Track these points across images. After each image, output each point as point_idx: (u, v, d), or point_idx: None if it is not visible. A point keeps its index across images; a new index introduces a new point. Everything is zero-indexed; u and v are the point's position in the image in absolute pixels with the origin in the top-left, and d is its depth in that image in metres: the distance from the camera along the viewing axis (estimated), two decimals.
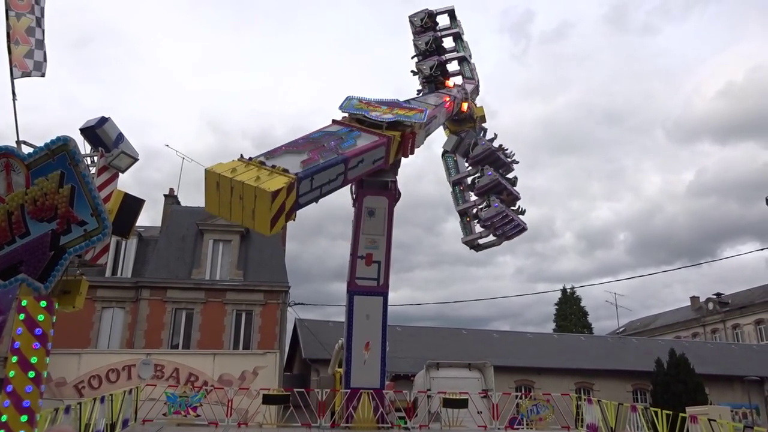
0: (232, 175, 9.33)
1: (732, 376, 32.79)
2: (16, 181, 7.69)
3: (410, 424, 15.37)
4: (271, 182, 9.39)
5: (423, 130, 14.09)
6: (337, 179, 11.18)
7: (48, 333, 7.66)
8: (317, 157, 10.85)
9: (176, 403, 15.00)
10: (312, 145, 11.32)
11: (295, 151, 10.97)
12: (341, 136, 11.96)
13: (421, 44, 18.32)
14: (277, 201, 9.28)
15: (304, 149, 11.07)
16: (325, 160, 10.82)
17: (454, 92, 17.07)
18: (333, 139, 11.77)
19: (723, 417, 16.23)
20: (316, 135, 11.84)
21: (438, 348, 29.53)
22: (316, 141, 11.53)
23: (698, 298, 54.50)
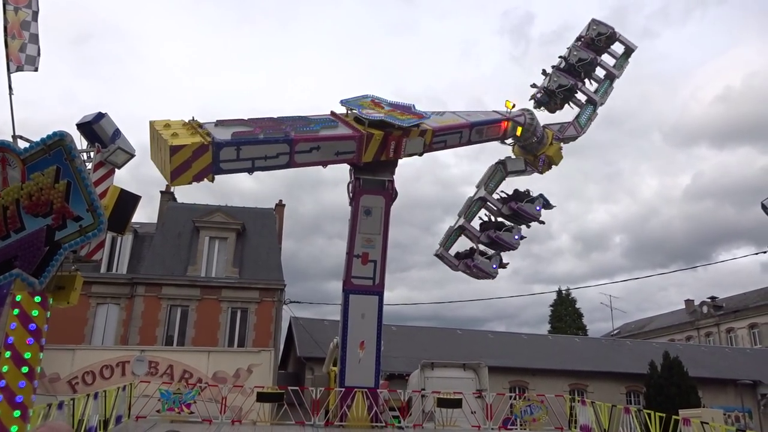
0: (160, 129, 10.34)
1: (725, 380, 32.89)
2: (11, 176, 7.67)
3: (404, 423, 15.38)
4: (179, 139, 10.19)
5: (417, 137, 13.96)
6: (278, 158, 11.66)
7: (42, 328, 7.65)
8: (258, 131, 11.33)
9: (170, 400, 14.98)
10: (269, 123, 11.79)
11: (244, 124, 11.59)
12: (315, 122, 12.41)
13: (573, 57, 17.22)
14: (178, 156, 10.04)
15: (254, 124, 11.61)
16: (264, 136, 11.28)
17: (519, 119, 16.44)
18: (300, 123, 12.14)
19: (716, 420, 16.29)
20: (289, 117, 12.30)
21: (433, 348, 29.54)
22: (278, 121, 11.98)
23: (693, 302, 54.63)
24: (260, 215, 30.99)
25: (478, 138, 15.38)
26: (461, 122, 14.80)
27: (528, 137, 16.46)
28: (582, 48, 17.24)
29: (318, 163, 12.83)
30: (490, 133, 15.62)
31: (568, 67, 17.29)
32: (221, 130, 11.12)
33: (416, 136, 13.84)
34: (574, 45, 17.32)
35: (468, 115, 15.24)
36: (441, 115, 14.89)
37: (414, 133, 13.82)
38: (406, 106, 14.23)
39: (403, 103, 14.42)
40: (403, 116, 13.68)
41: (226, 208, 29.97)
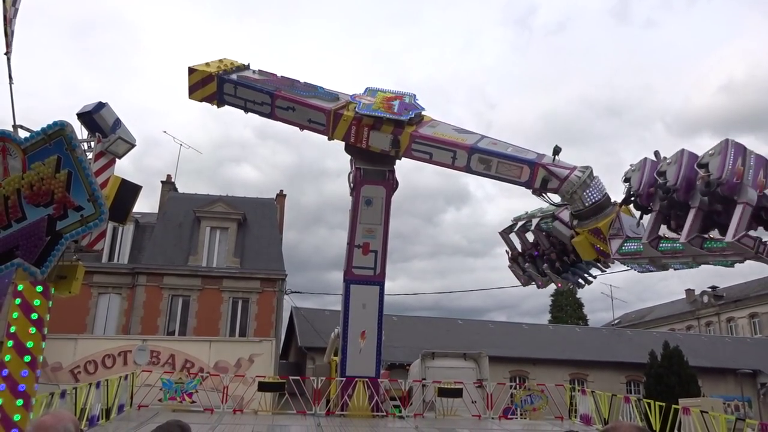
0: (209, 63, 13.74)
1: (725, 369, 33.00)
2: (12, 166, 7.65)
3: (405, 412, 15.46)
4: (200, 66, 13.54)
5: (386, 134, 13.13)
6: (263, 105, 13.62)
7: (44, 318, 7.66)
8: (260, 81, 13.72)
9: (172, 390, 15.06)
10: (281, 80, 14.00)
11: (266, 75, 14.09)
12: (314, 90, 13.88)
13: None
14: (192, 77, 13.44)
15: (270, 78, 13.99)
16: (258, 84, 13.59)
17: (558, 171, 11.83)
18: (302, 87, 13.92)
19: (715, 409, 16.35)
20: (308, 84, 14.09)
21: (433, 338, 29.63)
22: (291, 81, 14.02)
23: (693, 291, 54.70)
24: (261, 205, 31.01)
25: (487, 171, 12.37)
26: (457, 141, 12.56)
27: (570, 201, 11.72)
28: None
29: (294, 123, 13.89)
30: (507, 172, 12.21)
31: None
32: (244, 73, 13.89)
33: (386, 132, 13.11)
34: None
35: (495, 144, 12.58)
36: (460, 132, 13.08)
37: (386, 129, 13.11)
38: (407, 106, 13.79)
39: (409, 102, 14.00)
40: (387, 109, 13.43)
41: (227, 198, 29.98)
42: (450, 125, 13.50)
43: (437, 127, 13.25)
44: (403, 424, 14.56)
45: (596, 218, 10.98)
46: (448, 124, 13.56)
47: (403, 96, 13.91)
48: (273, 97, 13.44)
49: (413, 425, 14.06)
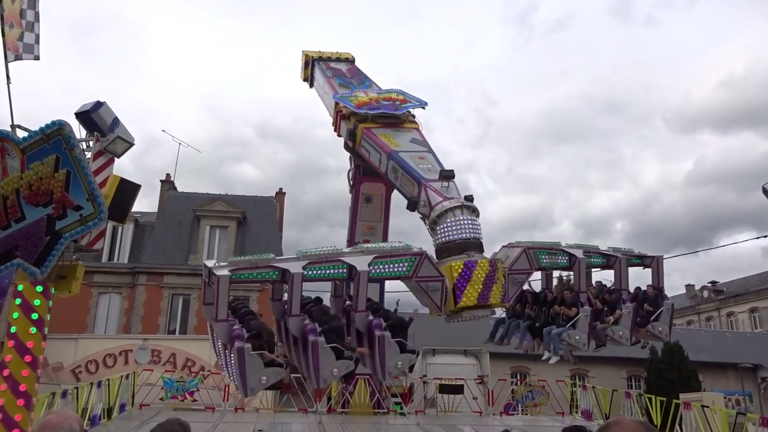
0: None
1: (726, 364, 32.99)
2: (11, 166, 7.64)
3: (406, 409, 15.47)
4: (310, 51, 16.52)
5: (350, 124, 12.77)
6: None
7: (44, 317, 7.65)
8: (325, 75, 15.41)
9: (173, 388, 15.07)
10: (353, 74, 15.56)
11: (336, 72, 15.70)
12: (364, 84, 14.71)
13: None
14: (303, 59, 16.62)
15: (341, 75, 15.43)
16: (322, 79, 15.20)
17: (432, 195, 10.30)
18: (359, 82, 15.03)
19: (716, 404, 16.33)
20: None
21: (434, 334, 29.62)
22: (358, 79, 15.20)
23: (693, 286, 54.71)
24: (260, 203, 30.96)
25: (394, 181, 11.49)
26: (384, 144, 11.67)
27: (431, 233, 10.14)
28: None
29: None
30: (405, 186, 11.01)
31: None
32: (336, 64, 16.08)
33: (350, 123, 12.74)
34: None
35: (422, 159, 11.31)
36: (418, 145, 11.90)
37: (352, 120, 12.72)
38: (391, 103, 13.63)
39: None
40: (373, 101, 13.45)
41: (227, 197, 29.94)
42: (420, 142, 11.92)
43: (399, 137, 11.98)
44: (405, 420, 14.57)
45: (442, 261, 9.17)
46: (422, 142, 11.94)
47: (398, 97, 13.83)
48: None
49: (414, 422, 14.07)
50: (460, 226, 9.42)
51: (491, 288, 8.80)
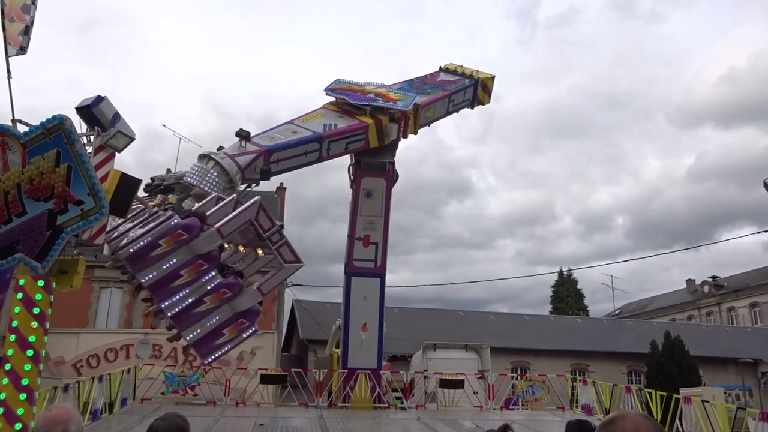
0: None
1: (726, 359, 33.05)
2: (12, 160, 7.64)
3: (407, 404, 15.51)
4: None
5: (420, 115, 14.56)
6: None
7: (46, 312, 7.66)
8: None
9: (174, 383, 15.11)
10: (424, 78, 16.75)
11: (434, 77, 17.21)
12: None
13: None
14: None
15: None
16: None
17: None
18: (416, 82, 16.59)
19: (716, 398, 16.39)
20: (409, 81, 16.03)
21: (435, 329, 29.68)
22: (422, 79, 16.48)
23: (694, 281, 54.72)
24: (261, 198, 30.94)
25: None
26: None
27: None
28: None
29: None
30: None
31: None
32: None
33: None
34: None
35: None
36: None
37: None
38: (383, 86, 14.64)
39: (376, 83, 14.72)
40: (396, 96, 14.00)
41: None
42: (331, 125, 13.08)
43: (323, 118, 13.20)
44: (405, 415, 14.61)
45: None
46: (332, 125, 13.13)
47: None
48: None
49: (415, 416, 14.10)
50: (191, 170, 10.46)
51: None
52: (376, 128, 13.54)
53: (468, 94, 16.88)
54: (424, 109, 14.99)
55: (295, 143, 12.21)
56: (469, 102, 17.10)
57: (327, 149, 12.75)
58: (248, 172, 11.40)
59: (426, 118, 15.31)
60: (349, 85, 13.96)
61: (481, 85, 17.18)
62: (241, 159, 11.28)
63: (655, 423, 1.86)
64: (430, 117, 15.60)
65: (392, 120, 13.71)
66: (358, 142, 13.40)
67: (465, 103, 16.96)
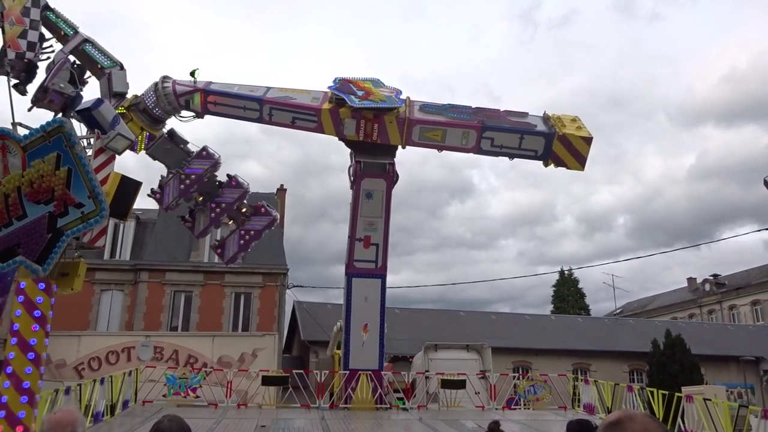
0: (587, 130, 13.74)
1: (728, 357, 33.02)
2: (12, 163, 7.65)
3: (408, 404, 15.50)
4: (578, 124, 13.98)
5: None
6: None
7: (47, 315, 7.67)
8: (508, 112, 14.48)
9: (176, 385, 15.09)
10: (486, 111, 14.37)
11: (510, 115, 14.41)
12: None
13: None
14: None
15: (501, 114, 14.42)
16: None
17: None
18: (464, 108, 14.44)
19: (718, 396, 16.37)
20: (461, 107, 14.31)
21: (436, 330, 29.67)
22: (477, 110, 14.32)
23: (695, 280, 54.69)
24: (262, 200, 30.95)
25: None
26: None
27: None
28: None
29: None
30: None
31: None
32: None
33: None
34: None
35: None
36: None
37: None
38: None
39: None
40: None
41: None
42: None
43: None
44: (407, 416, 14.60)
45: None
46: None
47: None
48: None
49: (417, 417, 14.10)
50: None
51: None
52: (331, 117, 13.81)
53: (530, 143, 13.73)
54: (422, 128, 13.73)
55: (235, 95, 14.32)
56: (535, 154, 13.84)
57: (269, 114, 14.17)
58: (183, 100, 14.31)
59: (427, 139, 13.84)
60: (368, 84, 14.01)
61: (560, 140, 13.42)
62: (179, 87, 14.33)
63: (662, 425, 1.83)
64: (436, 140, 13.84)
65: (354, 116, 13.71)
66: (308, 123, 14.20)
67: (524, 152, 13.91)
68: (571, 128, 13.41)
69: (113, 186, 8.40)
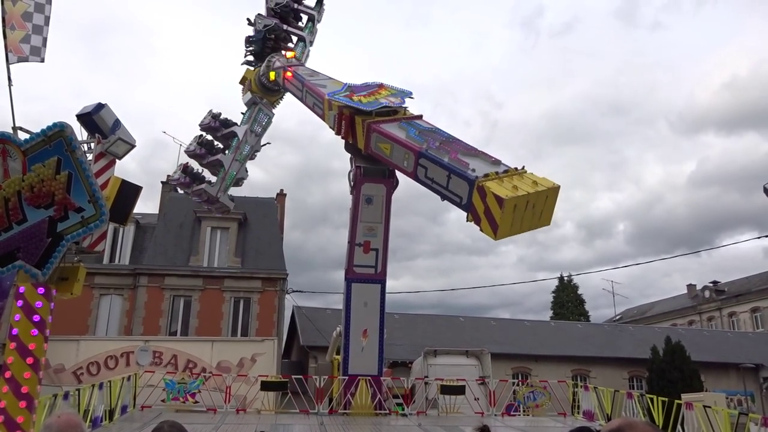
0: (522, 192, 9.57)
1: (727, 364, 32.98)
2: (12, 168, 7.65)
3: (408, 410, 15.46)
4: (540, 181, 10.03)
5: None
6: None
7: (46, 319, 7.66)
8: (473, 149, 11.33)
9: (175, 390, 15.06)
10: (454, 144, 11.58)
11: (470, 154, 11.05)
12: (417, 129, 12.30)
13: (260, 24, 18.27)
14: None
15: (464, 150, 11.31)
16: (474, 149, 11.34)
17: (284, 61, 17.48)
18: (431, 135, 12.01)
19: (718, 404, 16.35)
20: (443, 134, 12.04)
21: (436, 335, 29.65)
22: (447, 140, 11.75)
23: (695, 286, 54.68)
24: (262, 205, 30.99)
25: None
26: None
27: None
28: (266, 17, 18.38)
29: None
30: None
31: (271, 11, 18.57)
32: (485, 165, 10.59)
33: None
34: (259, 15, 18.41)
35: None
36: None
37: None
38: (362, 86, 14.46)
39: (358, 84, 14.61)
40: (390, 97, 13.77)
41: None
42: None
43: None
44: (406, 422, 14.56)
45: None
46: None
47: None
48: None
49: (416, 423, 14.06)
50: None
51: None
52: (327, 107, 14.45)
53: (456, 186, 10.52)
54: (377, 137, 12.60)
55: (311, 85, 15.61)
56: (460, 201, 10.42)
57: (304, 96, 15.84)
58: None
59: (380, 150, 12.68)
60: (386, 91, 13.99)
61: (478, 191, 9.83)
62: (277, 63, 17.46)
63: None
64: (386, 154, 12.49)
65: (338, 110, 13.96)
66: (319, 109, 15.11)
67: (451, 195, 10.73)
68: (505, 186, 9.71)
69: (113, 190, 8.40)
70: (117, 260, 27.31)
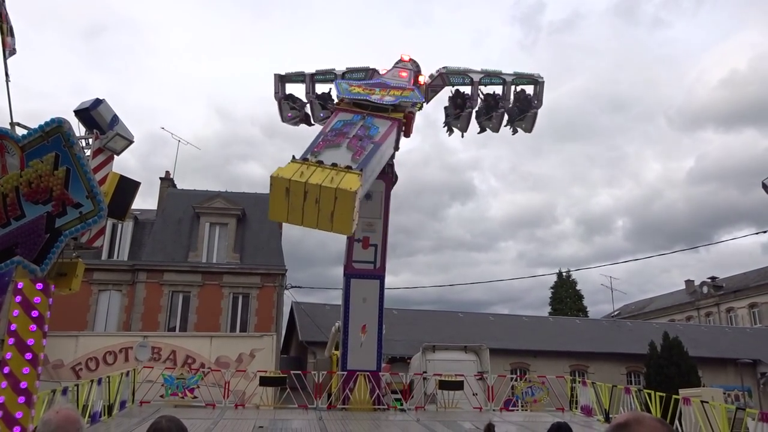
0: (304, 178, 9.00)
1: (725, 359, 33.05)
2: (10, 163, 7.64)
3: (406, 405, 15.49)
4: (346, 182, 9.18)
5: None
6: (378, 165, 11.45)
7: (44, 315, 7.66)
8: (360, 148, 10.70)
9: (173, 385, 15.08)
10: (343, 136, 11.01)
11: (334, 144, 10.63)
12: (360, 124, 11.64)
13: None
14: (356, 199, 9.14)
15: (341, 142, 10.81)
16: (368, 150, 10.65)
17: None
18: (356, 127, 11.46)
19: (716, 399, 16.39)
20: (338, 125, 11.50)
21: (434, 331, 29.67)
22: (344, 132, 11.18)
23: (693, 282, 54.73)
24: (260, 200, 30.91)
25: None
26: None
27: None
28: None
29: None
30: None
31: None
32: (333, 155, 10.34)
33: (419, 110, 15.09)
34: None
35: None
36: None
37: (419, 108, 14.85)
38: (383, 83, 14.20)
39: (374, 81, 14.56)
40: (405, 93, 13.59)
41: (226, 194, 29.94)
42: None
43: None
44: (405, 417, 14.59)
45: None
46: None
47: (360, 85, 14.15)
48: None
49: (415, 418, 14.09)
50: None
51: None
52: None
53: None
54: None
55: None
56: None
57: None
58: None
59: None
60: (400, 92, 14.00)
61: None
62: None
63: (670, 428, 1.76)
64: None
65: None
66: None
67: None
68: (297, 171, 9.48)
69: (112, 186, 8.39)
70: (116, 256, 27.28)
